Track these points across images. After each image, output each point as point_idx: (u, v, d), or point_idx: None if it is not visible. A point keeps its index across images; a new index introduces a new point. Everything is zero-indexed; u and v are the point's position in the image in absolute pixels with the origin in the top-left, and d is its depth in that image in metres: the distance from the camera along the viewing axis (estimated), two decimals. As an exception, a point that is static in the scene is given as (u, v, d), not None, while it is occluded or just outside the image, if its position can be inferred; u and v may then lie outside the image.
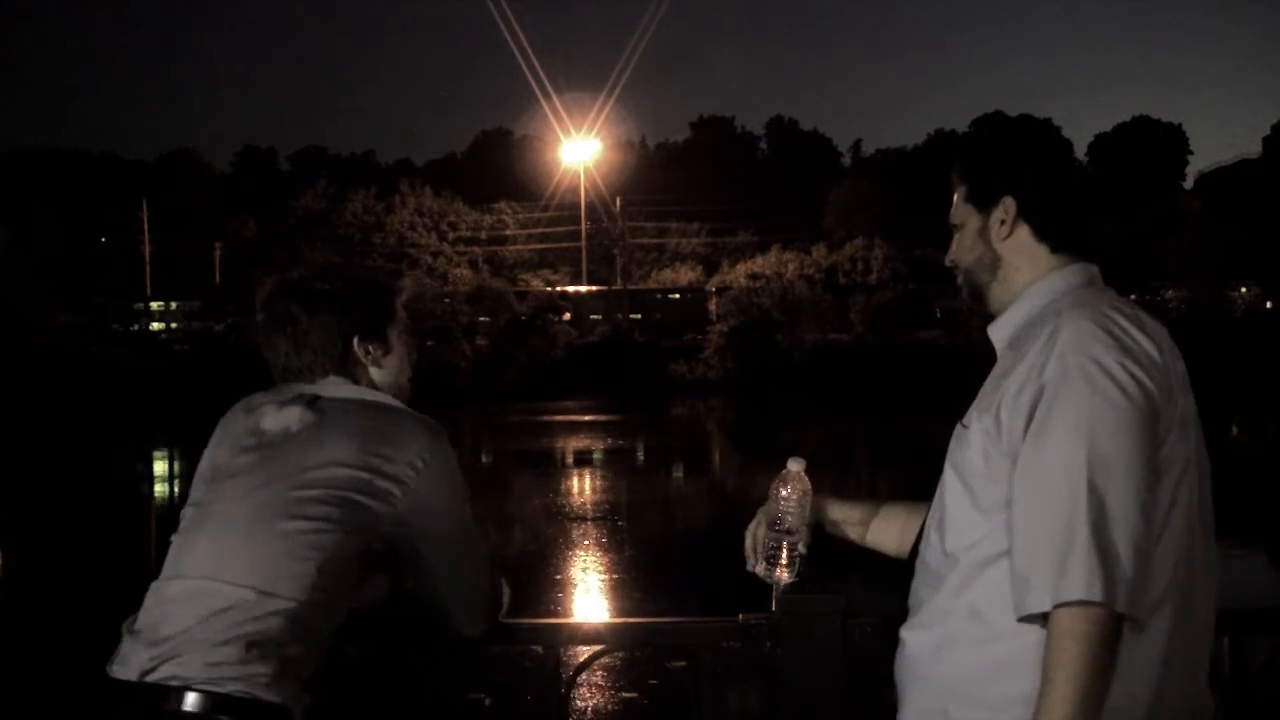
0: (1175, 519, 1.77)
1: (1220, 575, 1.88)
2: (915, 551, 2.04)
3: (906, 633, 1.97)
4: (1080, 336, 1.77)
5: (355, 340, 2.23)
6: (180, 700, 1.89)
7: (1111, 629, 1.67)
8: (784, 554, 2.21)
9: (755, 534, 2.24)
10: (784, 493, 2.21)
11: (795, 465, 2.23)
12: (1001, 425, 1.81)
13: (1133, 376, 1.73)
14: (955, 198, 2.06)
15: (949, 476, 1.92)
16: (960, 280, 2.07)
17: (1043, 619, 1.71)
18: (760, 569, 2.22)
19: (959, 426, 1.92)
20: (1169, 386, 1.78)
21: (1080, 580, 1.66)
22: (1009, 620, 1.76)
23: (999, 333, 2.00)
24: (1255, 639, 2.35)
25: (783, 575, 2.22)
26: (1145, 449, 1.72)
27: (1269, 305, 49.93)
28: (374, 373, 2.26)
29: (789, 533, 2.20)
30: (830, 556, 2.30)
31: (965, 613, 1.84)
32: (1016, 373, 1.83)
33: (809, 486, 2.23)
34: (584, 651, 2.46)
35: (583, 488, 20.90)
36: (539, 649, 2.39)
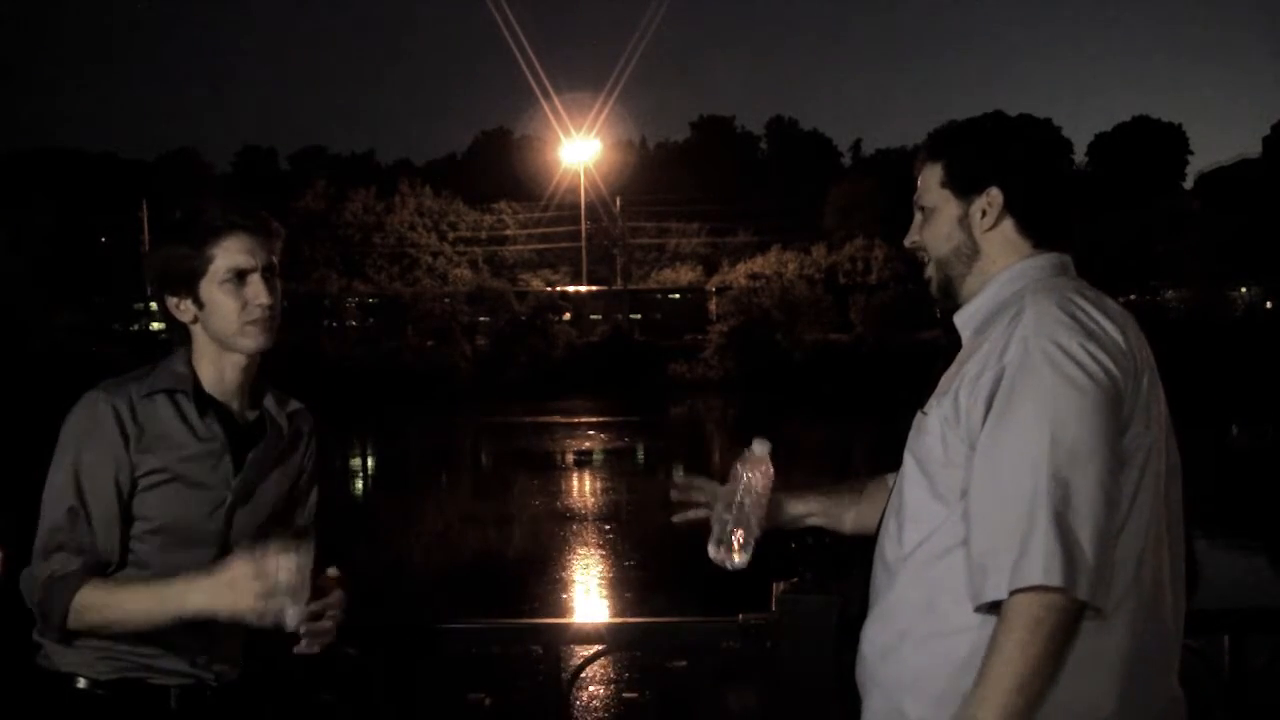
0: (1140, 509, 1.71)
1: (1219, 575, 1.87)
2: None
3: (864, 630, 1.90)
4: (1042, 319, 1.71)
5: (167, 300, 2.14)
6: None
7: (1068, 618, 1.60)
8: (737, 537, 2.14)
9: (713, 514, 2.18)
10: (745, 475, 2.15)
11: (760, 448, 2.16)
12: (960, 409, 1.75)
13: (1096, 360, 1.67)
14: (926, 179, 1.98)
15: (908, 465, 1.86)
16: (929, 269, 2.01)
17: (999, 608, 1.64)
18: (712, 550, 2.16)
19: (919, 414, 1.87)
20: (1133, 372, 1.72)
21: (1039, 564, 1.59)
22: (966, 613, 1.70)
23: (966, 320, 1.94)
24: (1255, 639, 2.34)
25: (734, 558, 2.15)
26: (1109, 435, 1.66)
27: (1269, 305, 49.81)
28: (196, 330, 2.15)
29: (743, 515, 2.15)
30: (830, 557, 2.29)
31: (920, 606, 1.78)
32: (976, 357, 1.78)
33: (771, 471, 2.15)
34: (584, 651, 2.46)
35: (583, 488, 20.87)
36: (539, 649, 2.40)
